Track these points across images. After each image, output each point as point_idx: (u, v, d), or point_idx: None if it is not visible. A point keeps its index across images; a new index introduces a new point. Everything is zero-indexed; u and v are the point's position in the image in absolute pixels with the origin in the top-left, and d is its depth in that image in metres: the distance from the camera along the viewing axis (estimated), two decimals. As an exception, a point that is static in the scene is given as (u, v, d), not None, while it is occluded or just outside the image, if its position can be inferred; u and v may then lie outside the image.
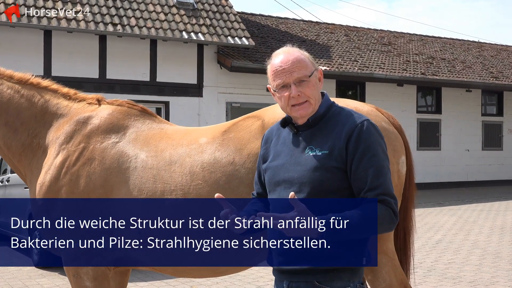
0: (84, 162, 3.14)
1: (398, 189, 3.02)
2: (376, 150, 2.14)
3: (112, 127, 3.26)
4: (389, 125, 3.06)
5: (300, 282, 2.15)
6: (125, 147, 3.17)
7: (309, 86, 2.21)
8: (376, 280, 2.94)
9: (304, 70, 2.21)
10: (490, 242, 9.17)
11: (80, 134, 3.25)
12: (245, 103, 16.13)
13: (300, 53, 2.25)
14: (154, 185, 2.99)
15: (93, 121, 3.30)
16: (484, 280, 6.57)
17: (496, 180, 21.21)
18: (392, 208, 2.09)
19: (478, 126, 21.25)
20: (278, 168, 2.23)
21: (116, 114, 3.33)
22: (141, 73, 14.71)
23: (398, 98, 18.83)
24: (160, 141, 3.17)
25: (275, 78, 2.22)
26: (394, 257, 3.02)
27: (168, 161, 3.04)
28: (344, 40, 20.40)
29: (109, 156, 3.14)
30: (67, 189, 3.11)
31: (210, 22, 15.41)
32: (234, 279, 6.82)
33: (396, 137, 3.05)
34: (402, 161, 3.04)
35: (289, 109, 2.23)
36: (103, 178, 3.08)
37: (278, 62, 2.22)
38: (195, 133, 3.19)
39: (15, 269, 7.81)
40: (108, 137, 3.22)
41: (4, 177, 9.34)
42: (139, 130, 3.27)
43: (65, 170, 3.15)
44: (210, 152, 3.00)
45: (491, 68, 21.85)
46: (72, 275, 3.15)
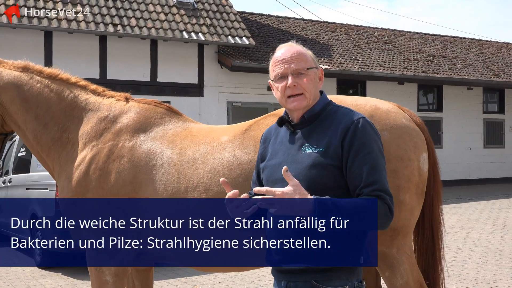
0: (114, 159, 3.24)
1: (420, 187, 3.00)
2: (371, 147, 2.14)
3: (140, 126, 3.35)
4: (410, 122, 3.07)
5: (298, 282, 2.15)
6: (153, 144, 3.26)
7: (306, 79, 2.23)
8: (394, 277, 2.93)
9: (303, 63, 2.24)
10: (492, 240, 9.16)
11: (110, 132, 3.35)
12: (246, 102, 16.13)
13: (302, 48, 2.30)
14: (178, 181, 3.08)
15: (122, 120, 3.40)
16: (486, 278, 6.57)
17: (498, 178, 21.19)
18: (388, 204, 2.10)
19: (480, 124, 21.23)
20: (275, 167, 2.25)
21: (143, 112, 3.42)
22: (141, 73, 14.72)
23: (399, 97, 18.80)
24: (184, 139, 3.25)
25: (275, 68, 2.27)
26: (412, 255, 3.01)
27: (191, 158, 3.12)
28: (345, 39, 20.38)
29: (138, 153, 3.23)
30: (96, 184, 3.21)
31: (211, 22, 15.42)
32: (236, 278, 6.82)
33: (417, 134, 3.04)
34: (424, 158, 3.02)
35: (285, 100, 2.25)
36: (132, 175, 3.18)
37: (280, 54, 2.27)
38: (218, 131, 3.26)
39: (18, 270, 7.81)
40: (136, 135, 3.31)
41: (6, 178, 9.35)
42: (166, 128, 3.35)
43: (95, 166, 3.24)
44: (230, 150, 3.06)
45: (492, 65, 21.82)
46: (94, 268, 3.24)
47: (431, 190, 3.13)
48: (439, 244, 3.26)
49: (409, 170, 2.91)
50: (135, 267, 3.53)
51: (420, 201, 3.03)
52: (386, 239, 2.86)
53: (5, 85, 3.57)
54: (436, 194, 3.18)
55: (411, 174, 2.92)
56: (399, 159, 2.91)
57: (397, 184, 2.88)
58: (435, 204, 3.20)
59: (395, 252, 2.91)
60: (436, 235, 3.25)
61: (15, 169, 9.00)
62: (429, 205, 3.15)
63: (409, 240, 3.01)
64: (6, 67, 3.64)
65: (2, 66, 3.64)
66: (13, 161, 9.12)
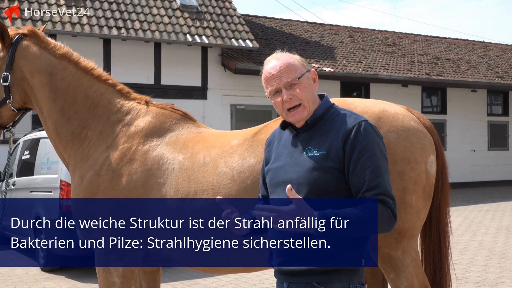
0: (127, 161, 3.27)
1: (427, 190, 2.99)
2: (373, 150, 2.14)
3: (155, 131, 3.40)
4: (419, 124, 3.06)
5: (299, 283, 2.15)
6: (166, 149, 3.30)
7: (300, 88, 2.22)
8: (399, 279, 2.93)
9: (292, 73, 2.22)
10: (496, 242, 9.13)
11: (126, 134, 3.39)
12: (249, 105, 16.14)
13: (289, 57, 2.27)
14: (188, 185, 3.11)
15: (138, 123, 3.44)
16: (490, 280, 6.54)
17: (502, 180, 21.12)
18: (391, 208, 2.09)
19: (484, 126, 21.17)
20: (278, 170, 2.25)
21: (159, 117, 3.47)
22: (145, 76, 14.74)
23: (402, 99, 18.76)
24: (196, 144, 3.30)
25: (267, 85, 2.28)
26: (417, 258, 3.00)
27: (202, 162, 3.16)
28: (348, 41, 20.38)
29: (151, 158, 3.27)
30: (108, 185, 3.24)
31: (214, 25, 15.44)
32: (239, 281, 6.82)
33: (425, 136, 3.04)
34: (431, 160, 3.01)
35: (285, 114, 2.26)
36: (144, 179, 3.21)
37: (268, 69, 2.28)
38: (229, 136, 3.31)
39: (21, 272, 7.83)
40: (150, 140, 3.35)
41: (10, 181, 9.38)
42: (179, 134, 3.40)
43: (107, 167, 3.28)
44: (240, 153, 3.09)
45: (496, 68, 21.77)
46: (102, 269, 3.26)
47: (439, 193, 3.12)
48: (446, 247, 3.26)
49: (416, 172, 2.90)
50: (143, 269, 3.55)
51: (427, 204, 3.01)
52: (391, 241, 2.85)
53: (39, 70, 3.57)
54: (444, 197, 3.17)
55: (418, 177, 2.91)
56: (405, 161, 2.90)
57: (403, 186, 2.87)
58: (442, 207, 3.19)
59: (400, 255, 2.90)
60: (443, 238, 3.25)
61: (19, 172, 9.02)
62: (436, 208, 3.14)
63: (414, 243, 3.00)
64: (46, 51, 3.63)
65: (44, 48, 3.63)
66: (17, 164, 9.14)
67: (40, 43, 3.64)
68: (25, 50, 3.59)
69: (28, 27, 3.71)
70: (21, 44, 3.60)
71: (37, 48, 3.61)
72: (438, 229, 3.21)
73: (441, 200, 3.16)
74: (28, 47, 3.60)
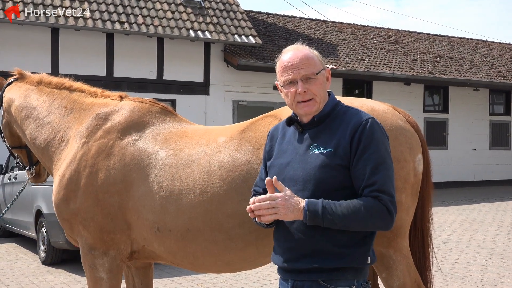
0: (104, 157, 3.22)
1: (415, 188, 3.01)
2: (377, 147, 2.15)
3: (132, 125, 3.32)
4: (406, 123, 3.07)
5: (304, 281, 2.15)
6: (145, 144, 3.22)
7: (316, 84, 2.23)
8: (391, 278, 2.93)
9: (312, 67, 2.23)
10: (497, 242, 9.13)
11: (101, 129, 3.34)
12: (251, 101, 16.14)
13: (309, 51, 2.28)
14: (172, 183, 3.03)
15: (114, 117, 3.38)
16: (491, 280, 6.55)
17: (504, 179, 21.13)
18: (386, 205, 2.09)
19: (486, 126, 21.16)
20: (283, 166, 2.25)
21: (137, 111, 3.39)
22: (148, 71, 14.73)
23: (405, 97, 18.77)
24: (179, 139, 3.21)
25: (283, 74, 2.25)
26: (409, 256, 3.01)
27: (187, 160, 3.07)
28: (351, 39, 20.35)
29: (129, 152, 3.20)
30: (87, 181, 3.20)
31: (217, 21, 15.42)
32: (240, 277, 6.83)
33: (413, 135, 3.05)
34: (419, 159, 3.03)
35: (295, 105, 2.25)
36: (123, 174, 3.15)
37: (287, 59, 2.25)
38: (214, 132, 3.22)
39: (22, 266, 7.84)
40: (128, 134, 3.28)
41: (11, 174, 9.39)
42: (159, 128, 3.32)
43: (85, 163, 3.25)
44: (228, 151, 3.01)
45: (499, 67, 21.74)
46: (88, 266, 3.24)
47: (423, 191, 3.14)
48: (429, 244, 3.28)
49: (405, 171, 2.92)
50: (135, 265, 3.55)
51: (414, 201, 3.05)
52: (383, 240, 2.86)
53: (16, 96, 3.86)
54: (427, 195, 3.20)
55: (407, 175, 2.94)
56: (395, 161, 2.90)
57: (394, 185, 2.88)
58: (426, 205, 3.21)
59: (392, 253, 2.92)
60: (426, 235, 3.27)
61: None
62: (420, 206, 3.16)
63: (406, 241, 3.02)
64: (25, 82, 3.93)
65: (25, 82, 3.92)
66: (19, 157, 9.14)
67: (22, 79, 3.96)
68: (8, 90, 3.96)
69: (17, 70, 4.02)
70: (9, 87, 3.97)
71: (18, 85, 3.93)
72: (421, 226, 3.24)
73: (425, 198, 3.18)
74: (12, 86, 3.96)
